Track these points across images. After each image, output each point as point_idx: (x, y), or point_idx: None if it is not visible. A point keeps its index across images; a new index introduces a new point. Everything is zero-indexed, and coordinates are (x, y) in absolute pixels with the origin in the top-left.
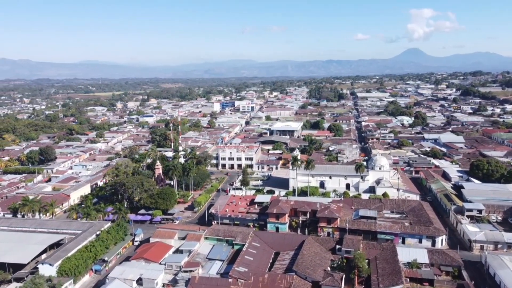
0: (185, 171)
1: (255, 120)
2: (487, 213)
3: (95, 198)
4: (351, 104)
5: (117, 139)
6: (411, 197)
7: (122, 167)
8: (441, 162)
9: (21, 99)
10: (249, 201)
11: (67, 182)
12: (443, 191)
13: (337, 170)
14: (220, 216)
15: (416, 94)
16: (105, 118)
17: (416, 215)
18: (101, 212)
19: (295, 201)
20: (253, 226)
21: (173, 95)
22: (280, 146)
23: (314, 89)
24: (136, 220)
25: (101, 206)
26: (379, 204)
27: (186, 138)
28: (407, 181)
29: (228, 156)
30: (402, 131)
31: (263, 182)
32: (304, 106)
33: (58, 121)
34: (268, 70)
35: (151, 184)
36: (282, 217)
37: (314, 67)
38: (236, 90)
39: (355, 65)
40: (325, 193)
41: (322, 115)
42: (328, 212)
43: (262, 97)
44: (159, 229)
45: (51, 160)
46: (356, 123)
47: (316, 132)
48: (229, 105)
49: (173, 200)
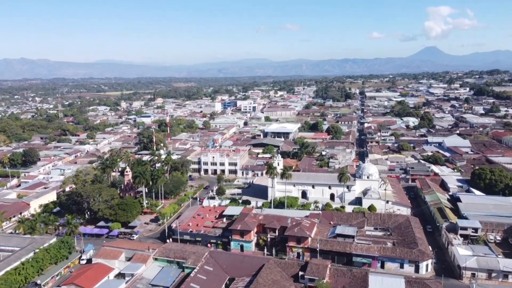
0: (154, 179)
1: (254, 121)
2: (485, 232)
3: (57, 207)
4: (357, 104)
5: (107, 140)
6: (401, 210)
7: (82, 175)
8: (442, 169)
9: (33, 98)
10: (219, 214)
11: (33, 189)
12: (437, 204)
13: (320, 179)
14: (181, 232)
15: (427, 94)
16: (104, 118)
17: (402, 234)
18: (50, 226)
19: (265, 215)
20: (215, 243)
21: (181, 95)
22: (271, 149)
23: (321, 88)
24: (92, 234)
25: (49, 219)
26: (362, 219)
27: (175, 140)
28: (400, 192)
29: (210, 161)
30: (406, 134)
31: (242, 190)
32: (308, 106)
33: (56, 121)
34: (282, 69)
35: (111, 193)
36: (247, 235)
37: (329, 66)
38: (243, 89)
39: (371, 64)
40: (306, 204)
41: (325, 116)
42: (298, 230)
43: (267, 96)
44: (105, 247)
45: (34, 162)
46: (359, 124)
47: (313, 134)
48: (231, 105)
49: (135, 211)
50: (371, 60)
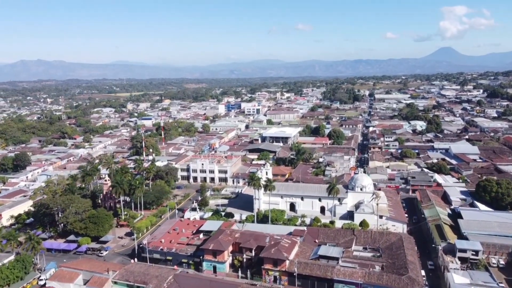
0: (132, 189)
1: (255, 124)
2: (487, 255)
3: (31, 218)
4: (365, 106)
5: (104, 144)
6: (396, 226)
7: (52, 184)
8: (446, 179)
9: (45, 99)
10: (197, 229)
11: (11, 197)
12: (436, 221)
13: (310, 190)
14: (150, 249)
15: (439, 96)
16: (106, 120)
17: (393, 255)
18: (11, 241)
19: (242, 233)
20: (187, 263)
21: (189, 96)
22: (266, 155)
23: (329, 90)
24: (59, 250)
25: (11, 233)
26: (351, 237)
27: (170, 145)
28: (396, 205)
29: (199, 168)
30: (412, 139)
31: (229, 201)
32: (314, 109)
33: (57, 123)
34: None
35: (83, 205)
36: (220, 255)
37: (342, 67)
38: (251, 91)
39: (384, 65)
40: (292, 218)
41: (329, 119)
42: (275, 251)
43: (274, 98)
44: (62, 268)
45: (25, 167)
46: (364, 128)
47: (313, 139)
48: (235, 107)
49: (108, 224)
50: (384, 61)
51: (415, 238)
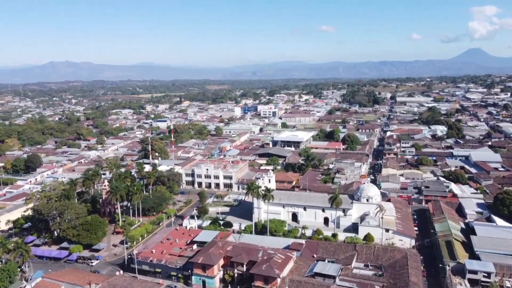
0: (129, 195)
1: (269, 128)
2: (500, 277)
3: (29, 223)
4: (385, 109)
5: (116, 146)
6: (403, 241)
7: (47, 189)
8: (463, 189)
9: (70, 100)
10: (192, 239)
11: (13, 200)
12: (446, 236)
13: (313, 200)
14: (139, 260)
15: (463, 99)
16: (123, 122)
17: (395, 275)
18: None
19: (234, 245)
20: (176, 276)
21: (208, 98)
22: (276, 161)
23: (348, 92)
24: (50, 257)
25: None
26: (352, 252)
27: (179, 148)
28: (406, 217)
29: (204, 173)
30: (430, 144)
31: (230, 209)
32: (331, 112)
33: (74, 124)
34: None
35: (78, 211)
36: (210, 269)
37: (366, 68)
38: (270, 93)
39: (410, 67)
40: (293, 230)
41: (346, 123)
42: (266, 267)
43: (291, 101)
44: (44, 279)
45: (35, 169)
46: (382, 133)
47: (326, 144)
48: (252, 109)
49: (101, 232)
50: (410, 63)
51: (425, 255)
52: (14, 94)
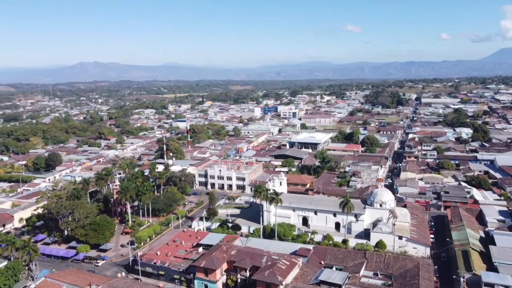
0: (139, 195)
1: (288, 129)
2: None
3: (41, 221)
4: (409, 111)
5: (135, 146)
6: (418, 249)
7: (57, 189)
8: (485, 196)
9: (96, 100)
10: (198, 241)
11: (29, 198)
12: (463, 246)
13: (324, 204)
14: (143, 262)
15: (492, 101)
16: (144, 122)
17: (405, 285)
18: (8, 246)
19: (239, 249)
20: (179, 280)
21: (230, 98)
22: (291, 162)
23: (371, 93)
24: (58, 256)
25: (7, 239)
26: (361, 260)
27: (195, 148)
28: (421, 224)
29: (217, 174)
30: (454, 148)
31: (241, 211)
32: (353, 113)
33: (96, 124)
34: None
35: (87, 211)
36: (212, 273)
37: (392, 69)
38: (292, 93)
39: (438, 67)
40: (302, 234)
41: (367, 124)
42: (269, 273)
43: (313, 101)
44: (46, 279)
45: (55, 167)
46: (404, 135)
47: (344, 146)
48: (272, 110)
49: (108, 232)
50: (438, 63)
51: (440, 265)
52: (44, 93)
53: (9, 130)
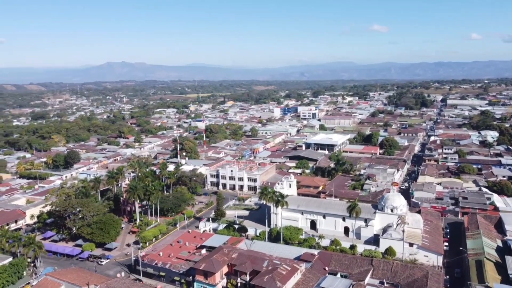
0: (147, 194)
1: (307, 129)
2: None
3: (51, 218)
4: (433, 113)
5: (153, 145)
6: (429, 257)
7: (66, 187)
8: (507, 202)
9: (122, 99)
10: (202, 243)
11: (42, 195)
12: (478, 255)
13: (333, 208)
14: (144, 263)
15: None
16: (164, 121)
17: None
18: (15, 242)
19: (240, 253)
20: (179, 282)
21: (252, 98)
22: (305, 164)
23: (396, 94)
24: (63, 254)
25: (13, 235)
26: (368, 267)
27: (210, 148)
28: (435, 231)
29: (229, 174)
30: (477, 151)
31: (250, 213)
32: (375, 114)
33: (117, 122)
34: (368, 72)
35: (94, 209)
36: (211, 276)
37: (420, 69)
38: (314, 94)
39: (468, 68)
40: (309, 238)
41: (388, 126)
42: (268, 279)
43: (334, 102)
44: (47, 277)
45: (73, 165)
46: (426, 137)
47: (361, 148)
48: (292, 110)
49: (114, 231)
50: (469, 64)
51: (453, 275)
52: (71, 92)
53: (35, 128)
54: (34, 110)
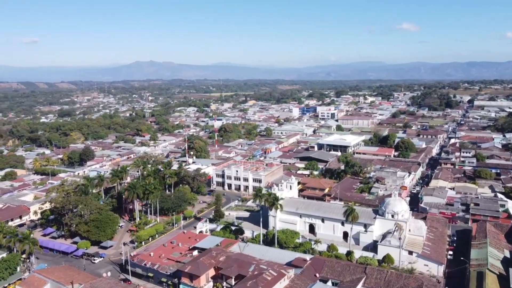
0: (146, 194)
1: (323, 130)
2: None
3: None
4: (458, 114)
5: (167, 143)
6: (429, 267)
7: (66, 185)
8: None
9: (147, 97)
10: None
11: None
12: (481, 266)
13: (332, 212)
14: (133, 263)
15: None
16: (183, 120)
17: None
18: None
19: (228, 256)
20: (166, 283)
21: (274, 98)
22: (314, 165)
23: (420, 94)
24: (59, 251)
25: (8, 231)
26: (360, 275)
27: (222, 148)
28: (439, 239)
29: (234, 175)
30: (498, 155)
31: (250, 214)
32: (396, 115)
33: (137, 120)
34: (397, 72)
35: (91, 206)
36: (196, 280)
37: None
38: (336, 94)
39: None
40: (304, 243)
41: (407, 127)
42: (252, 284)
43: (355, 102)
44: (34, 274)
45: (86, 162)
46: (447, 140)
47: (375, 150)
48: (311, 110)
49: (110, 230)
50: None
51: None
52: (99, 90)
53: (58, 125)
54: (63, 108)
